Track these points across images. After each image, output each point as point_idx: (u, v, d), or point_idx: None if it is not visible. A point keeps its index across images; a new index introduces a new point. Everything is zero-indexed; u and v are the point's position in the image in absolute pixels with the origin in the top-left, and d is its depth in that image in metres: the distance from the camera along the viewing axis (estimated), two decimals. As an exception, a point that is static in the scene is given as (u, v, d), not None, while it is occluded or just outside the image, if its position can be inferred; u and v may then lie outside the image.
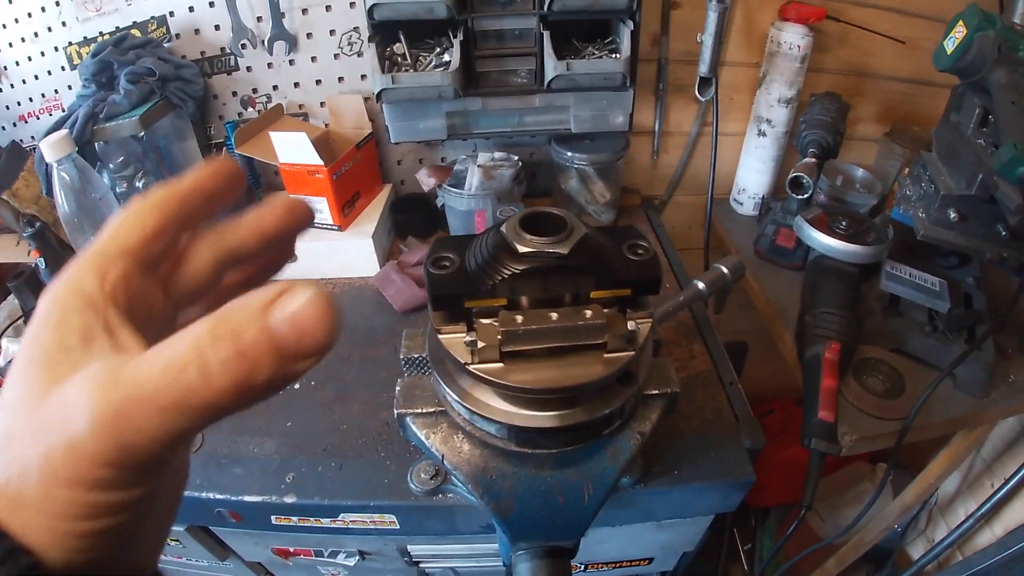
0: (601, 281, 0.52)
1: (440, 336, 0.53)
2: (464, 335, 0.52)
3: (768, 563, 1.56)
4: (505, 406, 0.55)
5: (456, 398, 0.56)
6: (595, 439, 0.59)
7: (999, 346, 1.09)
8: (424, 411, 0.63)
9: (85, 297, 0.29)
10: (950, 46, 1.00)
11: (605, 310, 0.53)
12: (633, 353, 0.53)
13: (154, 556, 0.33)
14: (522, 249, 0.49)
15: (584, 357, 0.52)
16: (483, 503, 0.60)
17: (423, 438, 0.62)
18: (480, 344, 0.50)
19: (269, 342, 0.25)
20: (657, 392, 0.64)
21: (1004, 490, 1.30)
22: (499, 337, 0.50)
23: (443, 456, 0.61)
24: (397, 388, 0.65)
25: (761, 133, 1.38)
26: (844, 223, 1.12)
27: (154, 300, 0.32)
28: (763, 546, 1.94)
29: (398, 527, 0.91)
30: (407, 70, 1.15)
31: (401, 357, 0.68)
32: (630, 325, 0.52)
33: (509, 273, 0.49)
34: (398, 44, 1.17)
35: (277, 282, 0.27)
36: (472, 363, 0.51)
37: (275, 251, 0.38)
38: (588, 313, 0.51)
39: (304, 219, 0.38)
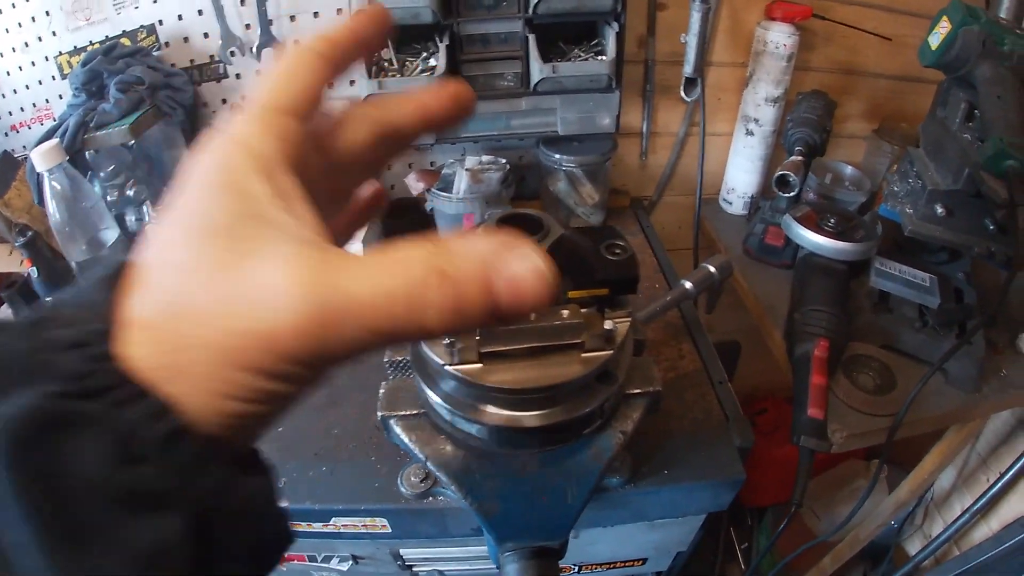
0: (579, 281, 0.52)
1: None
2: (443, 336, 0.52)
3: (760, 561, 1.56)
4: (485, 407, 0.55)
5: (437, 400, 0.56)
6: (577, 439, 0.59)
7: (990, 341, 1.10)
8: (407, 413, 0.63)
9: (258, 158, 0.28)
10: (935, 41, 1.00)
11: (583, 310, 0.53)
12: (611, 352, 0.53)
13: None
14: (498, 252, 0.49)
15: (562, 357, 0.52)
16: (467, 504, 0.60)
17: (407, 440, 0.62)
18: (459, 345, 0.50)
19: (486, 303, 0.25)
20: (639, 391, 0.64)
21: (999, 484, 1.31)
22: (477, 337, 0.50)
23: (427, 458, 0.61)
24: (380, 391, 0.65)
25: (749, 132, 1.38)
26: (832, 220, 1.12)
27: (312, 163, 0.31)
28: (759, 545, 1.94)
29: (390, 531, 0.91)
30: (394, 75, 1.16)
31: (385, 360, 0.69)
32: (607, 324, 0.53)
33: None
34: (385, 50, 1.18)
35: (503, 232, 0.27)
36: (451, 364, 0.52)
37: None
38: (565, 313, 0.51)
39: (469, 108, 0.36)
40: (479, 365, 0.51)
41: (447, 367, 0.52)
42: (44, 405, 0.22)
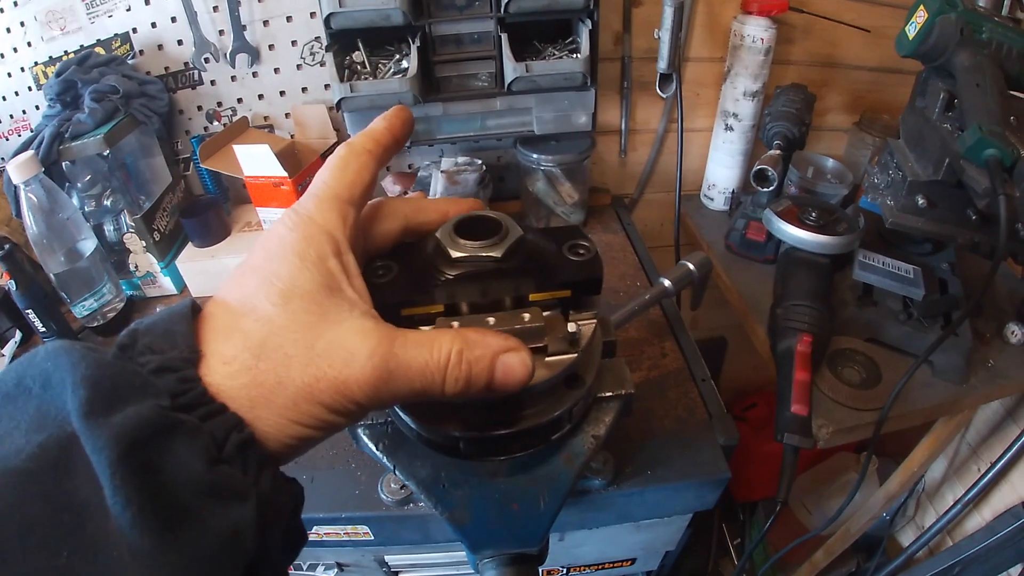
0: (541, 283, 0.51)
1: None
2: (402, 344, 0.51)
3: (749, 556, 1.55)
4: (449, 414, 0.54)
5: (399, 408, 0.55)
6: (547, 444, 0.58)
7: (977, 331, 1.09)
8: (374, 422, 0.61)
9: (334, 241, 0.37)
10: (912, 31, 0.99)
11: (546, 312, 0.52)
12: (575, 355, 0.52)
13: None
14: (455, 254, 0.48)
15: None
16: (437, 512, 0.59)
17: (374, 450, 0.61)
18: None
19: (488, 380, 0.38)
20: (611, 394, 0.63)
21: (991, 474, 1.30)
22: (434, 344, 0.49)
23: (395, 467, 0.60)
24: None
25: (728, 128, 1.37)
26: (814, 214, 1.11)
27: (357, 244, 0.40)
28: (752, 540, 1.94)
29: (372, 538, 0.91)
30: (366, 78, 1.15)
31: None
32: (571, 327, 0.51)
33: (444, 279, 0.48)
34: (357, 52, 1.17)
35: (509, 334, 0.42)
36: (410, 372, 0.50)
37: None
38: (526, 316, 0.50)
39: None
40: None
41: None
42: (153, 416, 0.28)
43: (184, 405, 0.30)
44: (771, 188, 1.15)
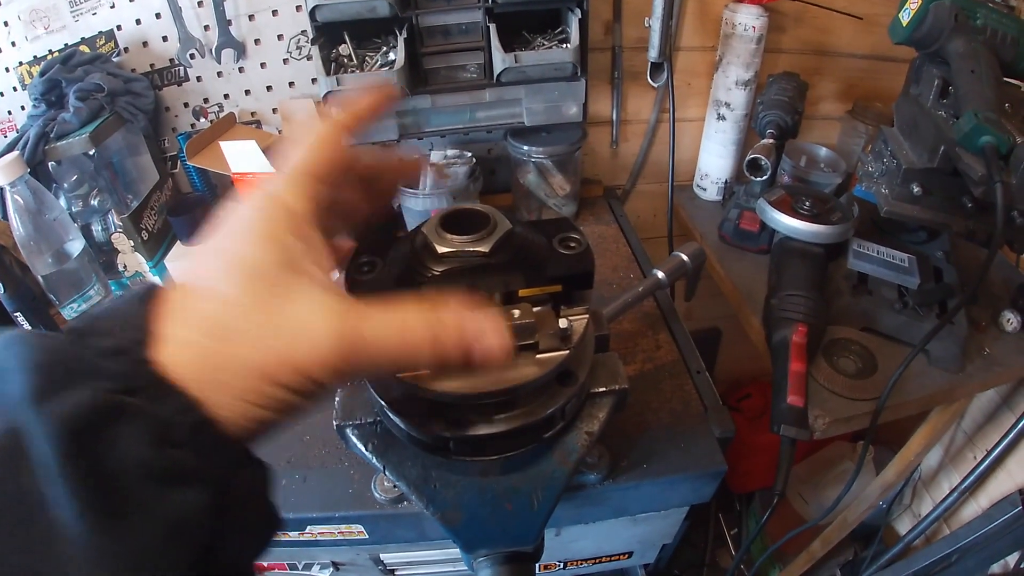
0: (530, 278, 0.50)
1: None
2: (388, 342, 0.50)
3: (747, 549, 1.55)
4: (438, 413, 0.53)
5: (388, 407, 0.54)
6: (539, 442, 0.57)
7: (972, 319, 1.08)
8: (363, 422, 0.61)
9: (294, 217, 0.36)
10: (905, 17, 0.98)
11: (536, 308, 0.51)
12: (567, 352, 0.51)
13: None
14: (442, 249, 0.47)
15: (516, 358, 0.50)
16: (428, 513, 0.58)
17: (363, 449, 0.60)
18: (403, 351, 0.48)
19: (464, 355, 0.37)
20: (604, 390, 0.62)
21: (986, 462, 1.30)
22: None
23: (384, 467, 0.59)
24: (336, 399, 0.63)
25: (720, 117, 1.36)
26: (808, 203, 1.10)
27: (324, 219, 0.39)
28: (749, 531, 1.94)
29: (367, 537, 0.90)
30: (353, 71, 1.13)
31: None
32: (562, 323, 0.50)
33: (430, 275, 0.47)
34: (343, 45, 1.15)
35: (476, 309, 0.38)
36: (397, 371, 0.49)
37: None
38: (516, 313, 0.49)
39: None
40: (426, 371, 0.49)
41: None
42: (97, 399, 0.27)
43: (133, 388, 0.29)
44: (764, 177, 1.14)
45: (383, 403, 0.53)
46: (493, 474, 0.58)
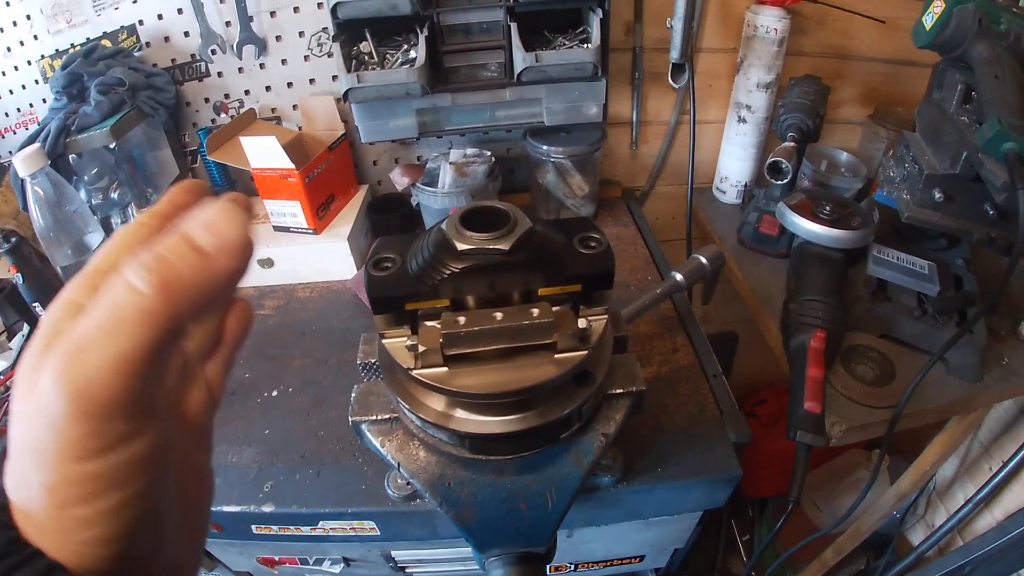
0: (550, 277, 0.50)
1: (383, 340, 0.51)
2: (407, 339, 0.50)
3: (759, 556, 1.54)
4: (455, 412, 0.53)
5: (405, 405, 0.54)
6: (555, 443, 0.57)
7: (991, 328, 1.07)
8: (379, 418, 0.61)
9: (74, 309, 0.28)
10: (929, 21, 0.97)
11: (555, 308, 0.50)
12: (586, 352, 0.50)
13: (189, 569, 0.35)
14: (461, 247, 0.47)
15: (534, 358, 0.50)
16: (442, 511, 0.58)
17: (379, 446, 0.60)
18: (421, 348, 0.48)
19: (186, 244, 0.28)
20: (621, 391, 0.62)
21: (1002, 473, 1.28)
22: (440, 340, 0.48)
23: (399, 464, 0.59)
24: (352, 395, 0.63)
25: (741, 119, 1.35)
26: (828, 208, 1.09)
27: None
28: (761, 537, 1.92)
29: (379, 533, 0.90)
30: (374, 68, 1.13)
31: (359, 362, 0.66)
32: (581, 323, 0.50)
33: (449, 272, 0.47)
34: (364, 43, 1.16)
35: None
36: (415, 368, 0.49)
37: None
38: (535, 311, 0.49)
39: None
40: (444, 369, 0.49)
41: (411, 371, 0.49)
42: None
43: None
44: (785, 181, 1.14)
45: (401, 401, 0.54)
46: (508, 474, 0.58)
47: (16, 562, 0.26)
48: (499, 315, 0.48)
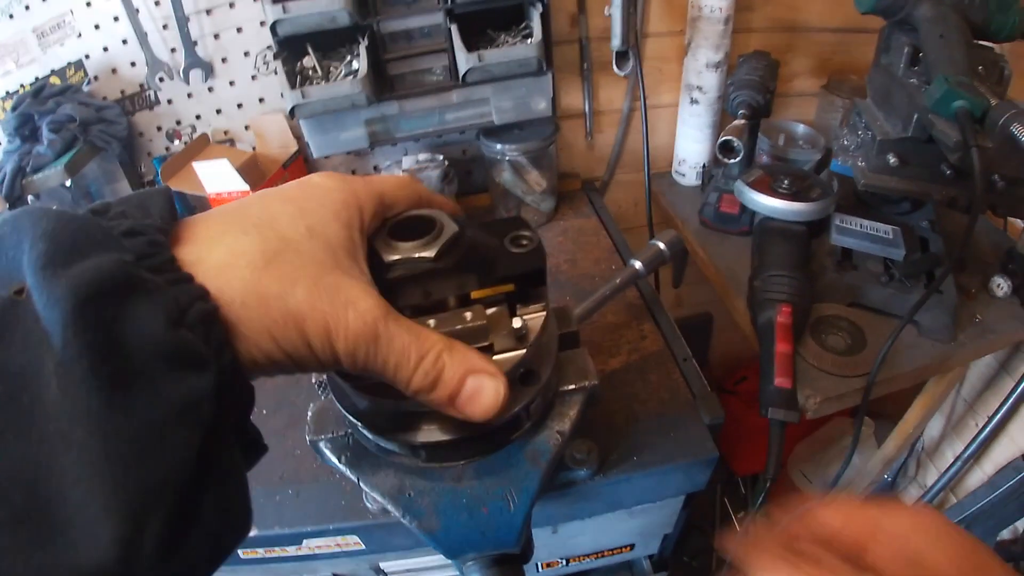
0: (481, 279, 0.50)
1: None
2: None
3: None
4: (401, 422, 0.53)
5: (352, 418, 0.53)
6: (508, 444, 0.57)
7: (962, 287, 1.08)
8: (336, 435, 0.60)
9: (362, 219, 0.41)
10: (870, -14, 0.97)
11: (490, 310, 0.50)
12: (523, 352, 0.50)
13: None
14: (389, 257, 0.47)
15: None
16: (405, 522, 0.57)
17: (337, 463, 0.60)
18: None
19: (453, 393, 0.40)
20: (574, 387, 0.62)
21: (988, 429, 1.29)
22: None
23: (359, 479, 0.58)
24: (309, 414, 0.62)
25: (694, 101, 1.35)
26: (786, 182, 1.09)
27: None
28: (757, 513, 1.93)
29: (363, 547, 0.90)
30: (319, 83, 1.13)
31: (313, 380, 0.66)
32: (516, 323, 0.50)
33: (381, 285, 0.47)
34: (307, 57, 1.15)
35: (484, 357, 0.43)
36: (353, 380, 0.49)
37: None
38: (468, 315, 0.48)
39: None
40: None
41: (355, 387, 0.49)
42: (115, 269, 0.27)
43: (151, 267, 0.29)
44: (738, 159, 1.13)
45: (350, 416, 0.53)
46: (467, 479, 0.58)
47: (172, 278, 0.30)
48: (432, 322, 0.47)
